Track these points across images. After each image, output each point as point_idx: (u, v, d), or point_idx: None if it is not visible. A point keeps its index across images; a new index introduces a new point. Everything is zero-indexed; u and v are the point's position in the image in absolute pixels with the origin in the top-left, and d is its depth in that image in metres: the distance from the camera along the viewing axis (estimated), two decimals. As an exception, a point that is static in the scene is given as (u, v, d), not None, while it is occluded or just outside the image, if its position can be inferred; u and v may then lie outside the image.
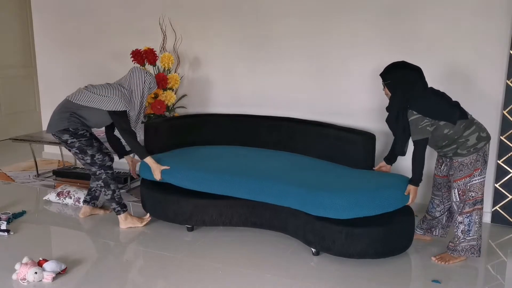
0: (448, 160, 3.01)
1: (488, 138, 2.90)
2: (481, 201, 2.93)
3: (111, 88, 3.40)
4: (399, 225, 2.98)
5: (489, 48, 3.47)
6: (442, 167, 3.07)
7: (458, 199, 2.93)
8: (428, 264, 3.01)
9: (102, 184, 3.45)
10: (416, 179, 2.92)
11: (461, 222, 2.93)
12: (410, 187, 2.94)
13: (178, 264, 3.00)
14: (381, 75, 3.00)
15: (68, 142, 3.37)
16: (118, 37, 4.77)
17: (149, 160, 3.39)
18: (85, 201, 3.74)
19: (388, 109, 3.01)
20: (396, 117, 2.92)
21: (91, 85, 3.49)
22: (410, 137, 2.91)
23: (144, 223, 3.53)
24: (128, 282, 2.86)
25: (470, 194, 2.89)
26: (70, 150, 3.47)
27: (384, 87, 3.01)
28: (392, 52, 3.72)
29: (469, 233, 2.92)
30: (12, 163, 5.18)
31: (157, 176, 3.38)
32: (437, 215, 3.16)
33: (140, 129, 3.62)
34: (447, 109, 2.87)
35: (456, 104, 2.93)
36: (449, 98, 2.95)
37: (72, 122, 3.36)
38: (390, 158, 3.25)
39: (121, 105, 3.34)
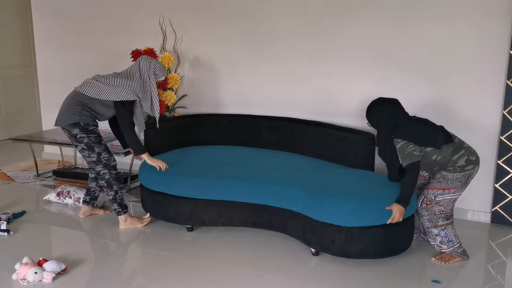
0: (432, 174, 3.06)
1: (477, 162, 2.92)
2: (452, 215, 2.99)
3: (121, 78, 3.32)
4: (399, 225, 2.97)
5: (489, 48, 3.47)
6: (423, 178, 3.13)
7: (420, 205, 2.98)
8: (428, 264, 3.01)
9: (105, 185, 3.44)
10: (403, 200, 2.85)
11: (437, 235, 2.96)
12: (395, 206, 2.84)
13: (178, 264, 3.00)
14: (366, 117, 3.08)
15: (78, 137, 3.32)
16: (118, 37, 4.76)
17: (146, 156, 3.38)
18: (84, 202, 3.74)
19: (377, 144, 3.11)
20: (385, 150, 2.99)
21: (98, 75, 3.42)
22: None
23: (144, 224, 3.53)
24: (128, 282, 2.86)
25: (438, 208, 2.93)
26: (76, 146, 3.41)
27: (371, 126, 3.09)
28: (392, 52, 3.73)
29: (452, 243, 2.97)
30: (12, 163, 5.18)
31: (162, 165, 3.36)
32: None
33: (142, 126, 3.55)
34: (430, 133, 2.91)
35: (441, 128, 2.96)
36: (432, 124, 2.99)
37: (84, 116, 3.30)
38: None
39: (132, 95, 3.28)
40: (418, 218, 3.17)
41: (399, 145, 2.90)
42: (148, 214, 3.57)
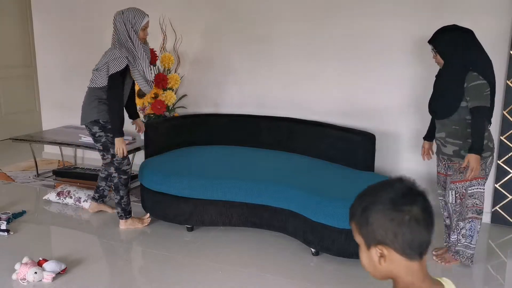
0: (446, 159, 2.89)
1: (493, 150, 2.79)
2: (482, 211, 2.84)
3: (104, 56, 3.27)
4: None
5: (489, 48, 3.46)
6: (442, 164, 2.96)
7: (454, 202, 2.84)
8: (427, 264, 3.00)
9: (113, 188, 3.44)
10: (476, 147, 2.63)
11: (463, 228, 2.84)
12: (470, 156, 2.64)
13: (178, 264, 3.00)
14: (432, 41, 2.76)
15: (96, 135, 3.33)
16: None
17: (120, 140, 3.26)
18: (93, 198, 3.77)
19: (441, 74, 2.81)
20: (454, 80, 2.66)
21: (96, 64, 3.39)
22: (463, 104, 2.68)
23: (144, 224, 3.53)
24: (128, 282, 2.86)
25: (472, 201, 2.78)
26: (96, 147, 3.44)
27: (435, 55, 2.78)
28: (392, 51, 3.73)
29: (471, 240, 2.84)
30: (12, 163, 5.18)
31: (122, 151, 3.28)
32: (447, 222, 3.03)
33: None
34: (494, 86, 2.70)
35: None
36: None
37: (102, 112, 3.29)
38: (430, 135, 3.05)
39: (118, 65, 3.16)
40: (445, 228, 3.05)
41: (477, 82, 2.61)
42: (148, 214, 3.56)
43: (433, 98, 2.89)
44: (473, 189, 2.78)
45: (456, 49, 2.69)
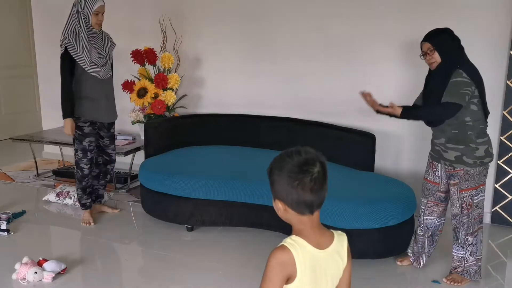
0: (448, 166, 2.70)
1: (492, 156, 2.70)
2: (482, 220, 2.75)
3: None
4: (398, 225, 2.97)
5: (489, 48, 3.47)
6: (439, 171, 2.78)
7: (461, 213, 2.67)
8: (427, 264, 3.01)
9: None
10: (407, 113, 2.69)
11: (471, 244, 2.70)
12: (397, 108, 2.68)
13: (178, 264, 3.00)
14: (427, 40, 2.67)
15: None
16: (118, 37, 4.75)
17: (69, 120, 3.33)
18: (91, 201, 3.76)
19: (433, 73, 2.69)
20: (443, 82, 2.60)
21: None
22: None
23: (90, 223, 3.56)
24: (128, 282, 2.86)
25: (478, 211, 2.67)
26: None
27: (429, 53, 2.66)
28: (392, 51, 3.73)
29: (476, 254, 2.72)
30: (12, 163, 5.18)
31: (68, 132, 3.36)
32: (419, 232, 2.89)
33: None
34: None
35: None
36: None
37: (77, 108, 3.45)
38: (406, 107, 2.81)
39: (61, 47, 3.31)
40: (415, 243, 2.92)
41: (459, 79, 2.55)
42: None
43: (426, 105, 2.73)
44: (479, 198, 2.67)
45: (453, 47, 2.66)
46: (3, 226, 3.36)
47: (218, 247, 3.23)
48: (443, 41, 2.66)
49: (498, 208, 3.59)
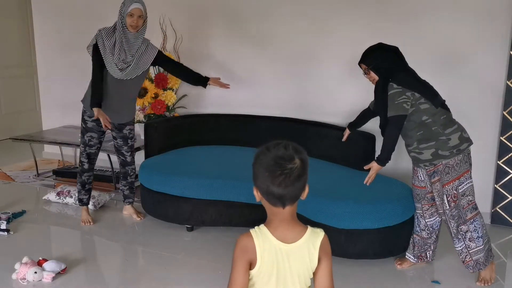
0: (428, 167, 2.73)
1: (470, 139, 2.71)
2: (477, 206, 2.74)
3: None
4: (398, 226, 2.97)
5: (489, 48, 3.47)
6: (420, 175, 2.83)
7: (448, 207, 2.68)
8: (427, 264, 3.01)
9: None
10: (382, 158, 2.74)
11: (467, 231, 2.69)
12: (374, 164, 2.79)
13: (178, 264, 3.00)
14: (363, 61, 2.81)
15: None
16: (118, 37, 4.76)
17: (96, 110, 3.22)
18: (123, 202, 3.77)
19: (375, 92, 2.83)
20: (383, 98, 2.72)
21: None
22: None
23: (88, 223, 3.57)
24: (128, 282, 2.86)
25: (466, 199, 2.67)
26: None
27: (367, 73, 2.80)
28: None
29: (480, 240, 2.69)
30: (12, 163, 5.18)
31: (106, 123, 3.25)
32: (425, 236, 2.91)
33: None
34: (430, 88, 2.69)
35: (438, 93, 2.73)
36: (431, 86, 2.75)
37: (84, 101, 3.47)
38: (354, 124, 3.26)
39: (94, 38, 3.37)
40: (413, 243, 2.95)
41: (391, 92, 2.64)
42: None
43: (382, 125, 2.83)
44: (464, 186, 2.67)
45: (387, 61, 2.74)
46: (3, 226, 3.36)
47: (218, 247, 3.23)
48: (375, 59, 2.76)
49: (498, 208, 3.59)
